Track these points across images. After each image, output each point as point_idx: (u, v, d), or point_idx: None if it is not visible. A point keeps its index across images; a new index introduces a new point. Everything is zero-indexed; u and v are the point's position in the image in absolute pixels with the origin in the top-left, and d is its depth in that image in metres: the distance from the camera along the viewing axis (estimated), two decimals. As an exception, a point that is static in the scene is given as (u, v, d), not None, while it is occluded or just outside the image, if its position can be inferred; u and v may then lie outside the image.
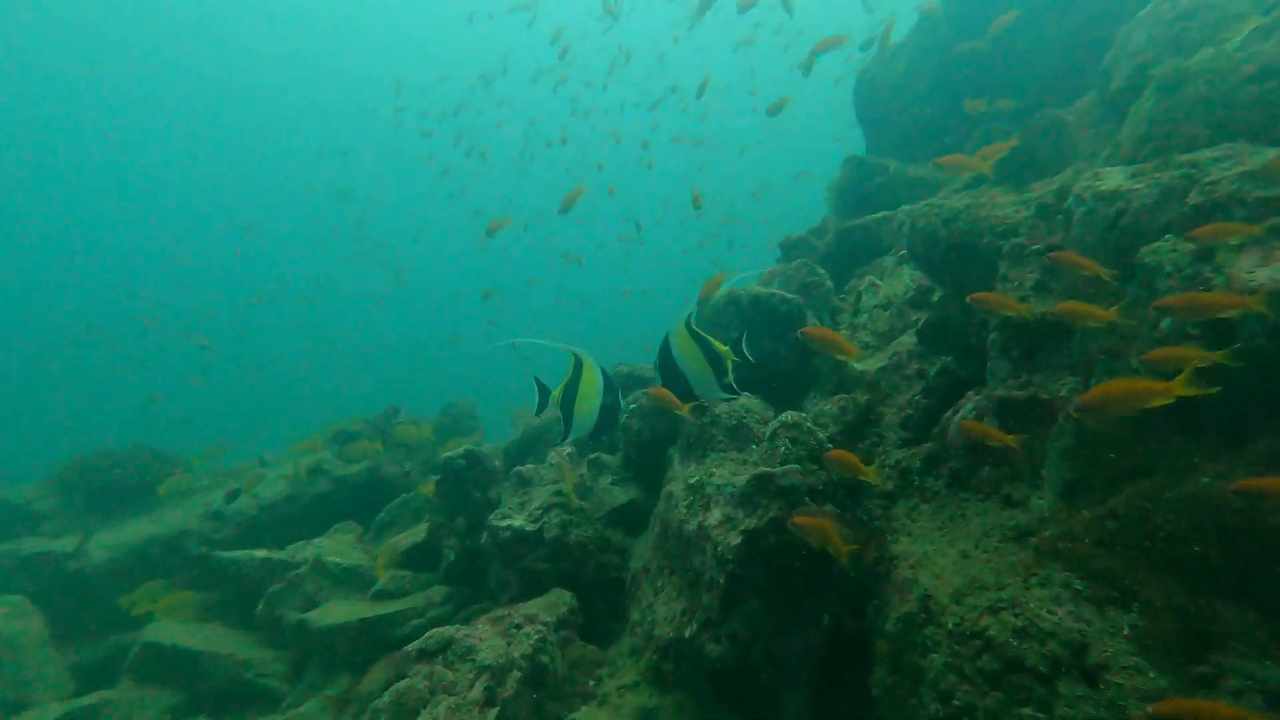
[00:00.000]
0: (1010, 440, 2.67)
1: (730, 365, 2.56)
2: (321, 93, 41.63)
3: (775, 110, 7.18)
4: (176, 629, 4.85)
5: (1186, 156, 2.37)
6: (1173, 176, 2.26)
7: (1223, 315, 1.93)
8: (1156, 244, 2.19)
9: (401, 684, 2.60)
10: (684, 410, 3.00)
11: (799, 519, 2.85)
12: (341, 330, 43.12)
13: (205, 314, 35.28)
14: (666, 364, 2.51)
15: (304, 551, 5.44)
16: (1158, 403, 1.87)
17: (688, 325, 2.47)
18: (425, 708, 2.50)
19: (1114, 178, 2.48)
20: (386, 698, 2.60)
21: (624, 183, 13.32)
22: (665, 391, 2.88)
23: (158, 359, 30.36)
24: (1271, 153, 2.22)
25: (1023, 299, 2.79)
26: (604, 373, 2.74)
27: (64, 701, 4.61)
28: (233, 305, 35.81)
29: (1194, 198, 2.16)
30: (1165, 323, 2.04)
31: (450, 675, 2.60)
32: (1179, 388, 1.84)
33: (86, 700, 4.49)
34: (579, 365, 2.72)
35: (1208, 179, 2.17)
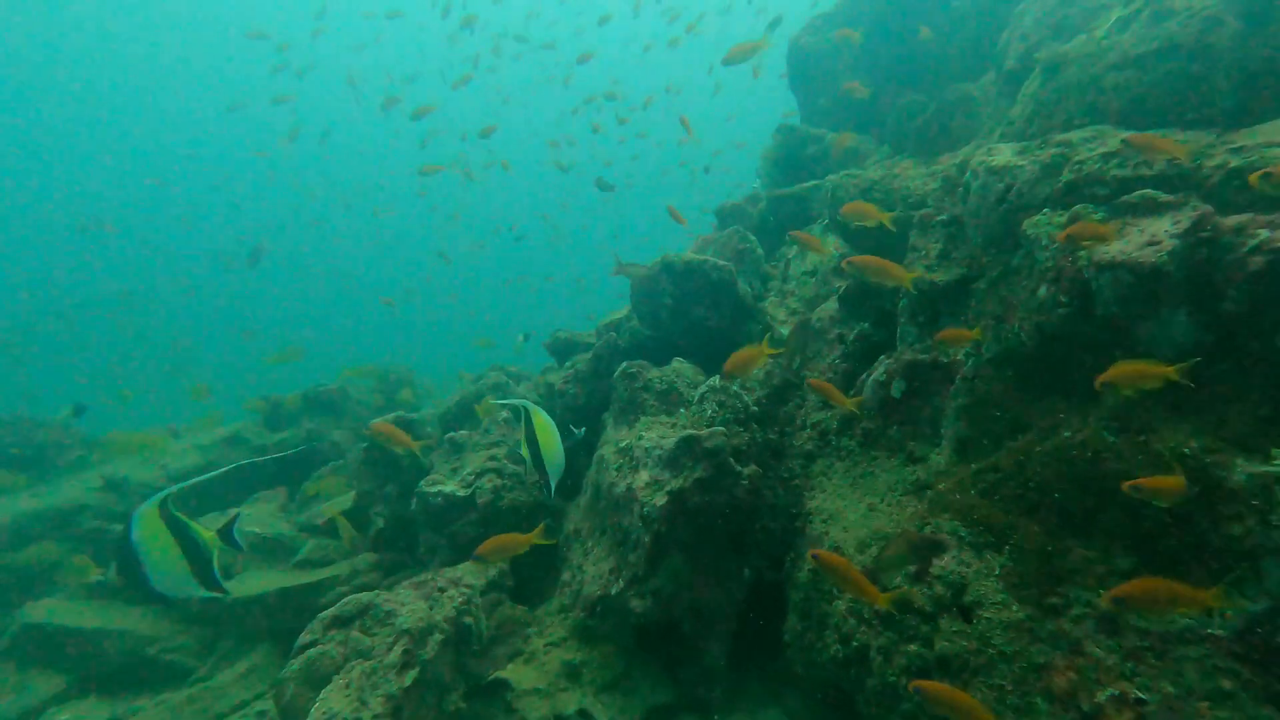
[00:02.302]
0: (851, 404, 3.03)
1: (216, 553, 2.20)
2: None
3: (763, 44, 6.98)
4: (62, 607, 4.50)
5: (1061, 136, 2.55)
6: (1050, 154, 2.44)
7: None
8: (1037, 217, 2.35)
9: (312, 651, 2.54)
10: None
11: None
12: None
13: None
14: (124, 550, 2.04)
15: (219, 523, 5.19)
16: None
17: (161, 507, 2.05)
18: (339, 673, 2.46)
19: (1004, 154, 2.64)
20: (295, 665, 2.53)
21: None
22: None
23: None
24: (1125, 135, 2.41)
25: (927, 267, 2.94)
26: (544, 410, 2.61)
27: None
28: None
29: (1065, 174, 2.33)
30: (1041, 292, 2.21)
31: (367, 641, 2.57)
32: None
33: (-52, 686, 4.08)
34: (528, 415, 2.53)
35: (1077, 158, 2.34)
